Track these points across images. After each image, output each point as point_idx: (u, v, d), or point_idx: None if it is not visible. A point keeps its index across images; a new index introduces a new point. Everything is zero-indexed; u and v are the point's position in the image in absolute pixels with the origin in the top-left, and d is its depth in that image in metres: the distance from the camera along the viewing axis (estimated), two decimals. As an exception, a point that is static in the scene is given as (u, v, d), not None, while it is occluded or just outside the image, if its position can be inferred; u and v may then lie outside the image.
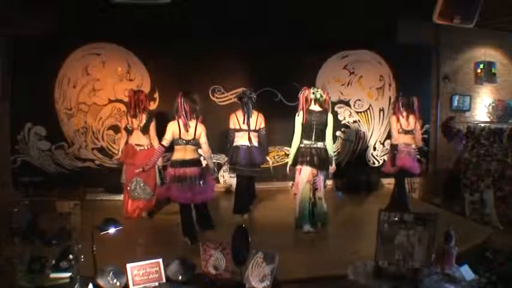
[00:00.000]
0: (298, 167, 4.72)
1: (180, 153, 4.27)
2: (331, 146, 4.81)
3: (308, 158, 4.64)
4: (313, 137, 4.67)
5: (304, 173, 4.68)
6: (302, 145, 4.71)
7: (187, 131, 4.23)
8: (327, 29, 6.47)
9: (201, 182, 4.28)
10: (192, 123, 4.27)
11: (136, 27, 6.07)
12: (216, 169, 4.86)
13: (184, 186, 4.18)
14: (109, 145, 6.50)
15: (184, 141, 4.24)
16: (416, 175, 5.66)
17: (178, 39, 6.29)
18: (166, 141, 4.29)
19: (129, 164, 5.22)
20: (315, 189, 4.74)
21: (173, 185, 4.22)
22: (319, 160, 4.66)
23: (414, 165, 5.37)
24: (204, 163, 4.53)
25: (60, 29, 5.97)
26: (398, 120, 5.30)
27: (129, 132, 5.24)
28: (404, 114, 5.28)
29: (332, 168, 4.84)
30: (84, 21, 5.97)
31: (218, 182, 6.60)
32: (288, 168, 4.93)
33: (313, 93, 4.69)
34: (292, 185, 4.91)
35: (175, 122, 4.26)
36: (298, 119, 4.71)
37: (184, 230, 4.35)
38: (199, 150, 4.49)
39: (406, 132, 5.29)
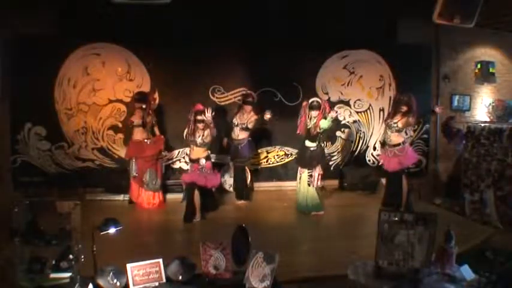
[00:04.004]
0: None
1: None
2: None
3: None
4: None
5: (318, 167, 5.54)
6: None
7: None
8: (327, 29, 6.47)
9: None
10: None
11: (136, 27, 6.07)
12: None
13: (202, 174, 5.20)
14: (109, 145, 6.50)
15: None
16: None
17: (178, 39, 6.29)
18: None
19: (140, 157, 5.81)
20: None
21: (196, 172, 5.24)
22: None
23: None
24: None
25: (60, 29, 5.98)
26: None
27: (139, 127, 5.83)
28: None
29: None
30: (84, 21, 5.98)
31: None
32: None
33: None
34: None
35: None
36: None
37: (187, 207, 5.25)
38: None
39: None
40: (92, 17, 5.92)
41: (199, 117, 5.08)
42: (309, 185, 5.49)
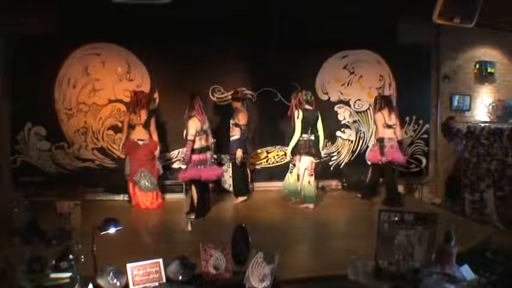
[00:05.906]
0: (298, 156, 5.61)
1: (203, 141, 5.26)
2: (323, 137, 5.78)
3: (307, 149, 5.57)
4: (309, 131, 5.58)
5: (303, 161, 5.59)
6: (301, 138, 5.55)
7: (205, 123, 5.28)
8: (327, 29, 6.47)
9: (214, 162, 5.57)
10: (205, 118, 5.34)
11: (136, 27, 6.06)
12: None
13: (206, 167, 5.26)
14: (109, 145, 6.50)
15: (204, 132, 5.25)
16: (402, 164, 6.33)
17: (178, 39, 6.28)
18: (192, 136, 5.13)
19: (132, 157, 5.76)
20: (310, 174, 5.62)
21: (200, 168, 5.22)
22: (315, 150, 5.64)
23: (399, 156, 5.96)
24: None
25: (60, 29, 5.97)
26: (383, 116, 5.89)
27: (132, 128, 5.72)
28: (386, 110, 5.90)
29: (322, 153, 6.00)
30: (84, 21, 5.97)
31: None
32: (289, 157, 5.85)
33: (305, 95, 5.64)
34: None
35: (195, 119, 5.15)
36: (298, 117, 5.51)
37: (193, 206, 5.26)
38: None
39: (389, 126, 5.89)
40: (92, 17, 5.91)
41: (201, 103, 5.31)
42: (292, 168, 5.75)
